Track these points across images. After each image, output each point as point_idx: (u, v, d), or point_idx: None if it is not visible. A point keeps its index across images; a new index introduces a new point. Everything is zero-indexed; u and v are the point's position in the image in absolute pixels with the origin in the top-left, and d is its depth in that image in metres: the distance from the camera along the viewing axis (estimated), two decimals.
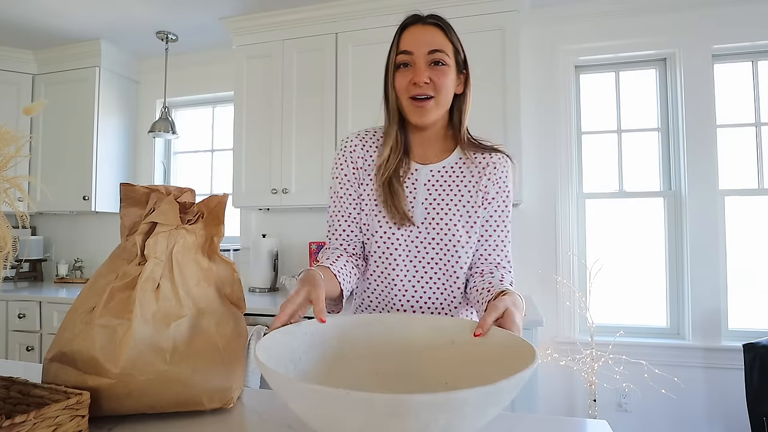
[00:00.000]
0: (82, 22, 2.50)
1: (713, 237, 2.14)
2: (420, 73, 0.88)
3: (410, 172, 0.96)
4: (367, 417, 0.39)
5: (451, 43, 0.92)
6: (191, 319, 0.67)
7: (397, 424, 0.39)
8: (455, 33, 0.94)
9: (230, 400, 0.69)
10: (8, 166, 0.64)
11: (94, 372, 0.60)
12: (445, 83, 0.90)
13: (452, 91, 0.93)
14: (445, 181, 0.96)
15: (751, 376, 1.82)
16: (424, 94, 0.89)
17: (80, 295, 0.69)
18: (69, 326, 0.64)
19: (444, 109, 0.93)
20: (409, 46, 0.90)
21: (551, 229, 2.31)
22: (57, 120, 2.79)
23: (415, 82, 0.89)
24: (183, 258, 0.71)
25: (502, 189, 0.96)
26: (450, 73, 0.91)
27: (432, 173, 0.96)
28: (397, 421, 0.38)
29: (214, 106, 3.02)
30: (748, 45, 2.17)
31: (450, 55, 0.91)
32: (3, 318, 2.42)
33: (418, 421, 0.39)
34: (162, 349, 0.63)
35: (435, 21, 0.92)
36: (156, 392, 0.62)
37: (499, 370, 0.55)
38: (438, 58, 0.89)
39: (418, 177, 0.96)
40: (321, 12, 2.28)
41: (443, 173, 0.96)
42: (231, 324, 0.72)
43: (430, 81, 0.89)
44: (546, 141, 2.34)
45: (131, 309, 0.62)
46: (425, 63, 0.89)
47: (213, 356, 0.67)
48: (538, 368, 2.24)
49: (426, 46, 0.89)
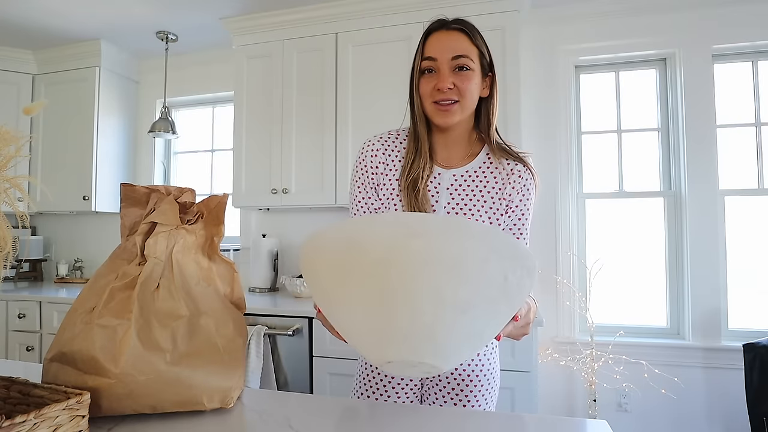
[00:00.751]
0: (82, 22, 2.50)
1: (713, 237, 2.14)
2: (444, 78, 0.89)
3: (433, 176, 0.97)
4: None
5: (476, 47, 0.92)
6: (191, 319, 0.67)
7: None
8: (481, 36, 0.94)
9: (230, 400, 0.69)
10: (8, 166, 0.64)
11: (94, 372, 0.60)
12: (469, 87, 0.91)
13: (477, 94, 0.94)
14: (468, 186, 0.96)
15: (751, 376, 1.82)
16: (448, 99, 0.90)
17: (80, 295, 0.69)
18: (69, 326, 0.64)
19: (468, 111, 0.94)
20: (434, 52, 0.91)
21: (551, 229, 2.31)
22: (57, 120, 2.79)
23: (438, 88, 0.90)
24: (183, 258, 0.71)
25: (526, 197, 0.96)
26: (474, 78, 0.91)
27: (455, 177, 0.96)
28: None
29: (214, 106, 3.02)
30: (748, 45, 2.17)
31: (474, 59, 0.92)
32: (3, 318, 2.42)
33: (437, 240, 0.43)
34: (162, 349, 0.63)
35: (460, 26, 0.92)
36: (156, 392, 0.62)
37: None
38: (462, 64, 0.90)
39: (441, 181, 0.96)
40: (321, 12, 2.28)
41: (467, 178, 0.96)
42: (231, 324, 0.72)
43: (454, 86, 0.90)
44: (546, 141, 2.34)
45: (131, 309, 0.63)
46: (449, 69, 0.90)
47: (213, 356, 0.67)
48: (538, 368, 2.24)
49: (450, 51, 0.90)
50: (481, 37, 0.94)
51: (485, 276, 0.54)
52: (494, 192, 0.95)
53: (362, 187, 1.00)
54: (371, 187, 0.99)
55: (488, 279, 0.54)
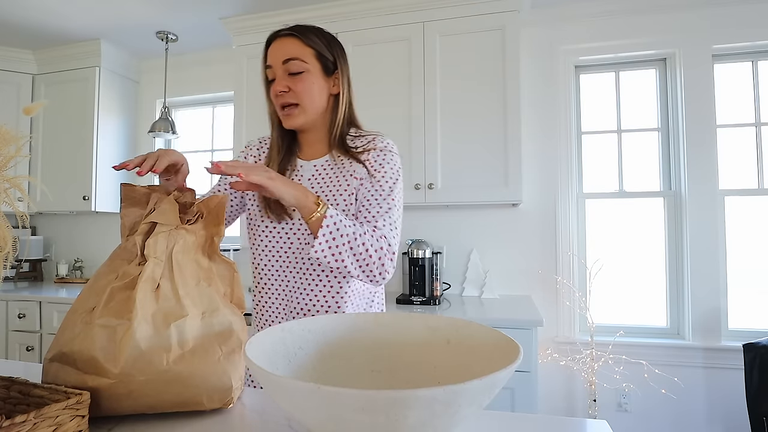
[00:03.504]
0: (82, 22, 2.50)
1: (713, 237, 2.15)
2: (278, 83, 0.95)
3: (296, 169, 1.02)
4: (338, 411, 0.41)
5: (310, 48, 0.95)
6: (191, 319, 0.67)
7: (366, 419, 0.40)
8: (320, 37, 0.97)
9: (230, 400, 0.69)
10: (8, 166, 0.64)
11: (94, 372, 0.60)
12: (305, 88, 0.95)
13: (318, 94, 0.97)
14: (327, 174, 1.00)
15: (751, 376, 1.82)
16: (287, 103, 0.96)
17: (80, 295, 0.69)
18: (69, 326, 0.64)
19: (314, 111, 0.98)
20: (269, 60, 0.97)
21: (551, 229, 2.32)
22: (57, 120, 2.79)
23: (274, 92, 0.96)
24: (183, 258, 0.71)
25: (376, 170, 0.98)
26: (309, 78, 0.95)
27: (315, 168, 1.01)
28: (366, 416, 0.40)
29: (214, 106, 3.02)
30: (748, 45, 2.17)
31: (308, 59, 0.95)
32: (3, 318, 2.42)
33: (387, 417, 0.40)
34: (162, 349, 0.63)
35: (290, 32, 0.96)
36: (156, 392, 0.62)
37: (488, 371, 0.56)
38: (293, 68, 0.94)
39: (303, 173, 1.01)
40: (321, 12, 2.29)
41: (326, 167, 1.00)
42: (231, 324, 0.72)
43: (289, 89, 0.95)
44: (546, 141, 2.34)
45: (131, 309, 0.63)
46: (283, 73, 0.95)
47: (213, 356, 0.67)
48: (538, 368, 2.24)
49: (281, 56, 0.94)
50: (319, 37, 0.97)
51: None
52: (348, 177, 0.98)
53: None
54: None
55: None
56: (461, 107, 2.11)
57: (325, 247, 0.84)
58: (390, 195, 0.97)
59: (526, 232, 2.34)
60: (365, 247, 0.87)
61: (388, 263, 0.90)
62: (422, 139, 2.14)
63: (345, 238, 0.85)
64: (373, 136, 1.02)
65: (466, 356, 0.63)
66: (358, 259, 0.86)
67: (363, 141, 1.01)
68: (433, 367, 0.65)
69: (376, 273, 0.89)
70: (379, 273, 0.89)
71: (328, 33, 1.01)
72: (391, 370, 0.67)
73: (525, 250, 2.34)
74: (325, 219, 0.84)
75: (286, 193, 0.82)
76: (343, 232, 0.85)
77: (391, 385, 0.66)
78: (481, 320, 1.77)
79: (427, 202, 2.13)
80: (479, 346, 0.62)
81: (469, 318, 1.77)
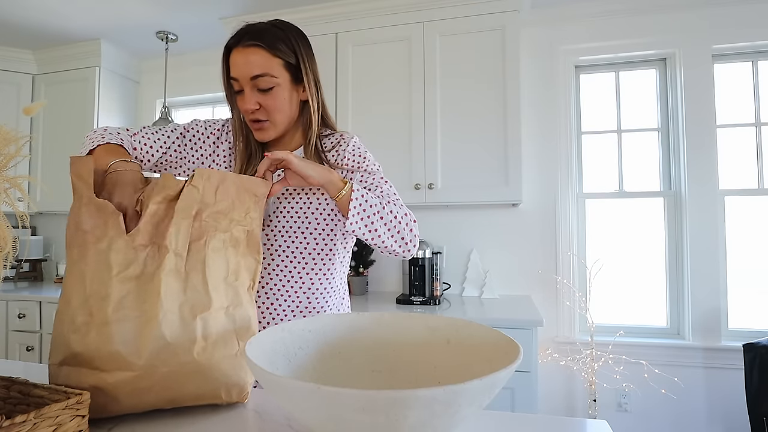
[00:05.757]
0: (82, 22, 2.50)
1: (713, 237, 2.15)
2: (247, 101, 0.89)
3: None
4: (338, 411, 0.41)
5: (277, 58, 0.89)
6: (216, 311, 0.68)
7: (366, 419, 0.41)
8: (286, 41, 0.90)
9: (246, 395, 0.70)
10: (8, 166, 0.64)
11: (116, 367, 0.59)
12: (276, 105, 0.91)
13: (288, 106, 0.93)
14: None
15: (751, 376, 1.82)
16: (257, 119, 0.91)
17: (75, 291, 0.64)
18: (69, 326, 0.62)
19: (285, 123, 0.94)
20: (235, 72, 0.89)
21: (551, 229, 2.32)
22: (57, 120, 2.79)
23: (244, 110, 0.91)
24: (211, 251, 0.70)
25: (359, 164, 0.98)
26: (280, 93, 0.90)
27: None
28: (366, 416, 0.40)
29: (214, 106, 3.02)
30: (748, 45, 2.18)
31: (277, 73, 0.89)
32: (3, 318, 2.42)
33: (387, 417, 0.40)
34: (188, 341, 0.63)
35: (254, 41, 0.87)
36: (178, 384, 0.62)
37: (488, 371, 0.57)
38: (262, 85, 0.88)
39: (279, 172, 0.97)
40: (321, 12, 2.29)
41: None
42: (250, 318, 0.73)
43: (260, 106, 0.90)
44: (546, 141, 2.34)
45: (155, 302, 0.62)
46: (251, 88, 0.89)
47: (232, 350, 0.68)
48: (538, 368, 2.24)
49: (248, 72, 0.87)
50: (284, 42, 0.90)
51: None
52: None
53: (178, 131, 0.99)
54: (183, 140, 0.99)
55: None
56: (461, 107, 2.11)
57: (358, 219, 0.86)
58: (383, 178, 1.00)
59: (526, 232, 2.34)
60: (393, 215, 0.90)
61: (415, 229, 0.94)
62: (422, 139, 2.14)
63: (374, 208, 0.88)
64: (340, 134, 1.01)
65: (466, 356, 0.63)
66: (389, 228, 0.90)
67: (332, 140, 1.00)
68: (433, 367, 0.65)
69: (408, 240, 0.92)
70: (411, 240, 0.93)
71: (288, 28, 0.93)
72: (391, 370, 0.67)
73: (525, 250, 2.34)
74: (353, 193, 0.86)
75: (313, 171, 0.82)
76: (372, 203, 0.88)
77: (391, 385, 0.66)
78: (481, 320, 1.77)
79: (427, 202, 2.13)
80: (479, 346, 0.62)
81: (469, 318, 1.77)
